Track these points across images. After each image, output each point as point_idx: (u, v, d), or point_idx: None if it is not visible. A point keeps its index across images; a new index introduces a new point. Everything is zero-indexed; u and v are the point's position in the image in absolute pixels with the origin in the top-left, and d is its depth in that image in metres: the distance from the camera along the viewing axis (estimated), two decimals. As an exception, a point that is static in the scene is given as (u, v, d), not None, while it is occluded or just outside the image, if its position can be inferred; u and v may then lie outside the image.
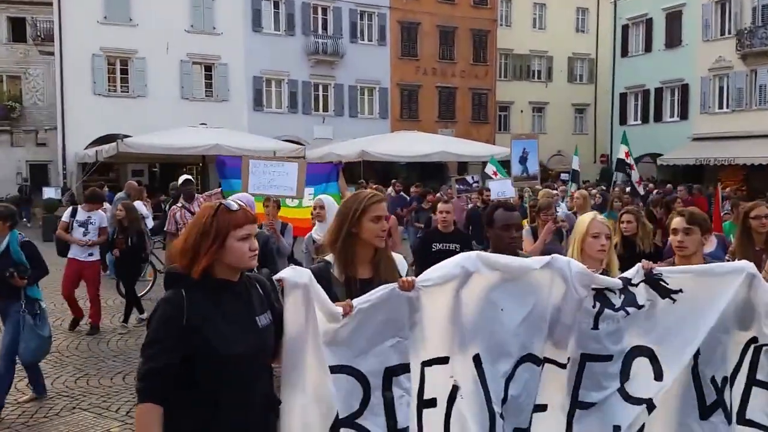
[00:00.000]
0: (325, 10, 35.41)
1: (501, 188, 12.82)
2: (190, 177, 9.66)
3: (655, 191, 20.88)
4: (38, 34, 32.21)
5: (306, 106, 34.78)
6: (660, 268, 3.54)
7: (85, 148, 28.24)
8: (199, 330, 2.57)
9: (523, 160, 9.79)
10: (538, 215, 7.61)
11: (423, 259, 6.67)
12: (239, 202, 2.83)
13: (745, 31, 29.39)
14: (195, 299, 2.61)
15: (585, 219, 4.16)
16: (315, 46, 34.58)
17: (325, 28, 35.41)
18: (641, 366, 3.44)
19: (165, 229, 9.44)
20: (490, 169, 17.27)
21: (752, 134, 28.23)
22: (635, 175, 17.51)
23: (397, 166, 30.71)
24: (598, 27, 42.66)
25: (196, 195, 9.52)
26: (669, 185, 23.54)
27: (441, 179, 28.73)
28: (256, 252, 2.74)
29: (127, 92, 30.92)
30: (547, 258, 3.37)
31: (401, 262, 3.43)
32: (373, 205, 3.22)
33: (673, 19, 33.66)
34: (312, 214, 7.04)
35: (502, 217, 4.12)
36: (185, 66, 31.68)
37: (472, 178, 17.50)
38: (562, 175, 29.34)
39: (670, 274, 3.51)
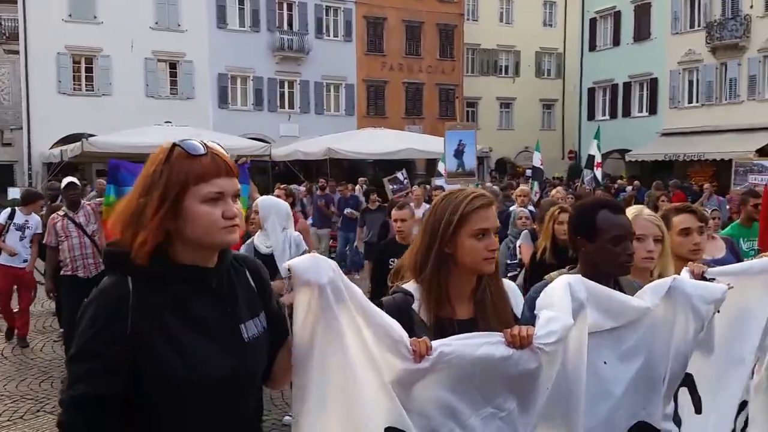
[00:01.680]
0: (290, 6, 35.12)
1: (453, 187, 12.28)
2: (74, 180, 8.09)
3: (629, 187, 20.65)
4: (2, 32, 31.68)
5: (272, 103, 34.44)
6: (711, 270, 2.78)
7: (50, 148, 27.92)
8: (149, 343, 1.72)
9: (458, 153, 8.85)
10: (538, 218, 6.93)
11: (379, 276, 5.59)
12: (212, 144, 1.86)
13: (715, 24, 29.37)
14: (146, 294, 1.74)
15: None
16: (280, 42, 34.23)
17: (290, 23, 35.12)
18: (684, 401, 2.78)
19: (44, 242, 7.93)
20: (442, 166, 15.30)
21: (722, 129, 28.25)
22: (599, 173, 17.40)
23: (364, 163, 30.26)
24: (565, 21, 42.61)
25: (82, 202, 7.97)
26: (636, 182, 23.40)
27: (409, 177, 28.35)
28: (236, 220, 1.80)
29: (92, 91, 30.63)
30: (664, 284, 2.44)
31: (515, 293, 2.49)
32: (475, 212, 2.21)
33: (642, 11, 33.60)
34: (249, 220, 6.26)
35: (612, 223, 2.60)
36: (150, 63, 31.42)
37: (402, 174, 16.36)
38: (527, 171, 29.18)
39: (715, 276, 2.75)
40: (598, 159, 18.31)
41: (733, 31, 28.71)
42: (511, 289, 2.41)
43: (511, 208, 11.43)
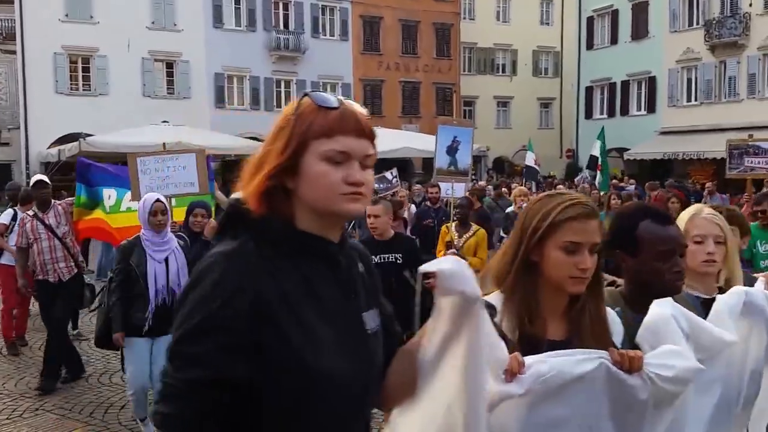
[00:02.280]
0: (286, 5, 35.08)
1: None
2: (44, 178, 7.70)
3: (630, 187, 20.45)
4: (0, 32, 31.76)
5: (268, 103, 34.30)
6: None
7: (48, 147, 27.88)
8: (275, 319, 1.42)
9: (452, 150, 8.08)
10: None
11: None
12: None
13: (714, 22, 29.27)
14: (270, 260, 1.47)
15: (683, 216, 2.74)
16: (277, 42, 34.21)
17: (286, 23, 35.07)
18: None
19: (14, 244, 7.70)
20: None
21: (721, 127, 28.09)
22: (599, 176, 16.71)
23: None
24: (562, 19, 42.50)
25: (52, 201, 7.50)
26: (632, 180, 23.25)
27: (406, 176, 28.24)
28: (361, 188, 1.51)
29: (89, 90, 30.62)
30: (737, 302, 2.14)
31: (614, 320, 2.05)
32: (568, 222, 1.90)
33: (640, 10, 33.47)
34: None
35: (656, 235, 2.27)
36: (147, 63, 31.40)
37: (391, 173, 15.97)
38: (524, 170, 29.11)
39: None
40: (599, 160, 18.08)
41: (732, 29, 28.61)
42: (611, 316, 2.04)
43: (508, 209, 11.31)
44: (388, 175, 15.32)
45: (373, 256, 4.70)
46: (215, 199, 7.30)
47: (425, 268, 1.49)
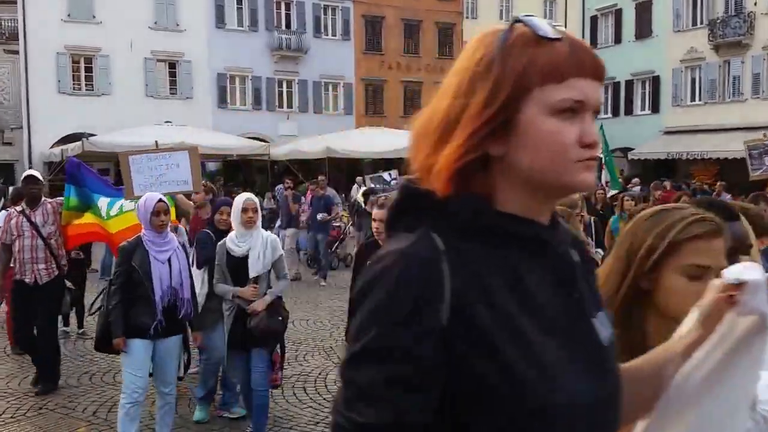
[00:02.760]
0: (288, 5, 35.01)
1: None
2: (35, 174, 7.40)
3: (637, 188, 20.29)
4: (2, 32, 31.89)
5: (270, 103, 34.36)
6: None
7: (51, 147, 28.03)
8: (483, 341, 1.03)
9: None
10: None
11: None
12: None
13: (718, 21, 29.21)
14: (465, 257, 1.05)
15: None
16: (279, 42, 34.15)
17: (288, 23, 35.02)
18: None
19: None
20: None
21: (725, 127, 28.04)
22: (604, 175, 15.86)
23: (363, 162, 30.09)
24: (566, 18, 42.32)
25: (43, 199, 7.15)
26: (636, 179, 23.11)
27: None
28: (594, 151, 1.10)
29: (92, 90, 30.65)
30: None
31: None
32: (692, 241, 1.57)
33: (643, 9, 33.42)
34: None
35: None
36: (149, 63, 31.43)
37: (390, 174, 15.15)
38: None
39: None
40: (603, 159, 17.82)
41: (736, 28, 28.54)
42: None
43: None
44: (386, 175, 15.18)
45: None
46: (174, 200, 6.96)
47: (730, 274, 1.19)
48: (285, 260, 5.79)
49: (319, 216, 13.56)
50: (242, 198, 5.46)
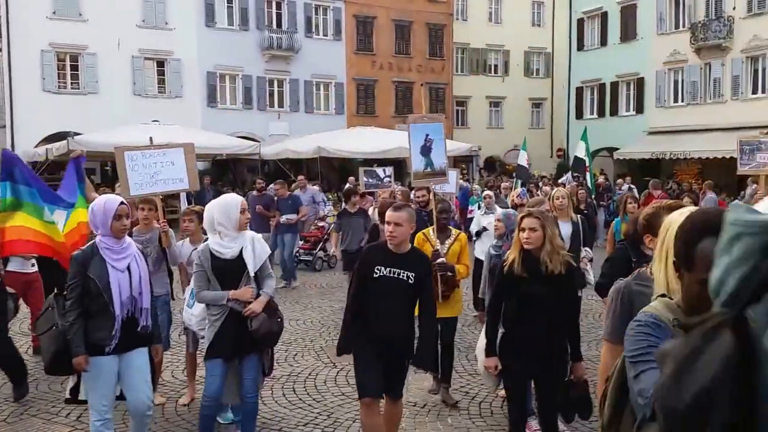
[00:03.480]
0: (279, 4, 35.02)
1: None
2: None
3: (624, 186, 20.60)
4: None
5: (261, 102, 34.37)
6: None
7: (36, 146, 27.51)
8: None
9: (426, 150, 7.36)
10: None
11: (361, 284, 4.96)
12: None
13: (699, 25, 29.52)
14: None
15: (674, 217, 2.47)
16: (269, 41, 34.15)
17: (279, 22, 35.01)
18: None
19: None
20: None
21: (707, 128, 28.44)
22: (589, 176, 15.99)
23: (354, 162, 30.39)
24: (554, 21, 42.73)
25: None
26: (620, 180, 23.49)
27: (400, 176, 28.46)
28: None
29: (78, 89, 30.34)
30: None
31: None
32: None
33: (628, 12, 33.68)
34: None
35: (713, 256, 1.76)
36: (137, 62, 31.17)
37: (384, 171, 14.61)
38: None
39: None
40: (587, 162, 17.92)
41: (716, 32, 28.84)
42: None
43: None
44: (380, 171, 14.57)
45: (382, 268, 4.84)
46: (87, 202, 6.63)
47: None
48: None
49: (283, 218, 13.23)
50: (238, 201, 5.20)
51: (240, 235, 5.07)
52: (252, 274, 5.07)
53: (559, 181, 17.82)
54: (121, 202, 4.73)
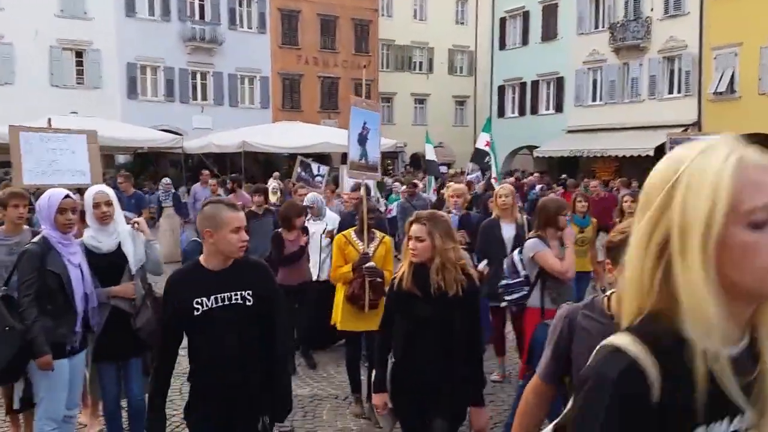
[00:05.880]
0: (201, -5, 34.37)
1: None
2: None
3: (539, 186, 20.78)
4: None
5: (184, 95, 33.80)
6: None
7: None
8: None
9: (362, 139, 6.65)
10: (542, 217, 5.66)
11: (173, 331, 3.59)
12: None
13: (618, 25, 30.43)
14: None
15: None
16: (192, 33, 33.61)
17: (202, 13, 34.46)
18: None
19: None
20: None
21: (625, 126, 29.39)
22: (494, 170, 14.67)
23: (279, 157, 30.13)
24: (477, 19, 43.38)
25: None
26: (535, 176, 23.72)
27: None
28: None
29: (-7, 79, 29.30)
30: None
31: None
32: None
33: (549, 12, 34.46)
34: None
35: None
36: (55, 52, 30.34)
37: (319, 168, 13.50)
38: (440, 167, 29.50)
39: None
40: (491, 156, 15.24)
41: (635, 32, 29.79)
42: None
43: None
44: (314, 167, 13.52)
45: (203, 299, 3.34)
46: None
47: None
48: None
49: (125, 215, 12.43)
50: (92, 192, 4.73)
51: (112, 228, 4.64)
52: (134, 269, 4.68)
53: (467, 176, 16.54)
54: (66, 195, 4.46)
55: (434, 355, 3.76)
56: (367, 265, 5.80)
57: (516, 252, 5.83)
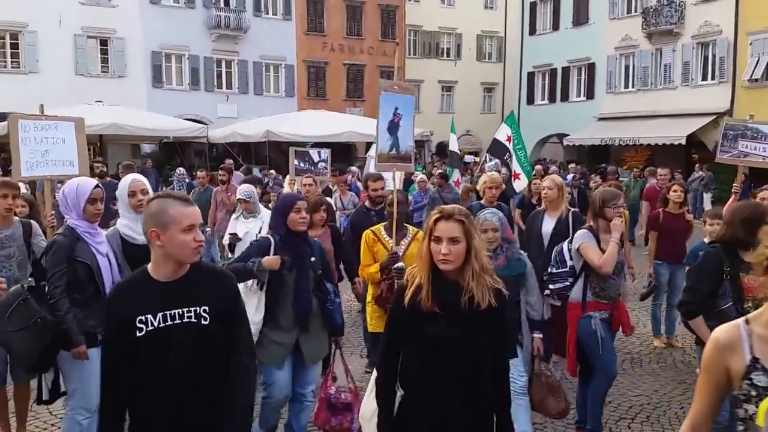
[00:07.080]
0: (226, -18, 34.11)
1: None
2: None
3: (570, 176, 20.32)
4: None
5: (208, 83, 33.62)
6: None
7: None
8: None
9: (393, 127, 5.90)
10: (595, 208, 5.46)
11: (115, 355, 2.92)
12: None
13: (651, 10, 29.71)
14: None
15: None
16: (217, 20, 33.33)
17: (227, 1, 34.15)
18: None
19: None
20: (373, 149, 11.82)
21: (657, 114, 28.71)
22: (517, 166, 13.39)
23: (303, 146, 29.87)
24: (506, 4, 42.66)
25: None
26: (572, 165, 23.35)
27: (349, 161, 28.07)
28: None
29: (18, 68, 29.26)
30: None
31: None
32: None
33: (581, -4, 33.78)
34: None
35: None
36: (79, 40, 30.20)
37: (320, 154, 12.40)
38: (466, 156, 29.10)
39: None
40: (511, 148, 13.73)
41: (668, 17, 29.07)
42: None
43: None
44: (314, 153, 12.27)
45: (148, 317, 2.77)
46: None
47: None
48: None
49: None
50: (128, 180, 4.70)
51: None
52: None
53: (486, 166, 15.24)
54: (96, 185, 4.41)
55: (452, 385, 3.02)
56: (396, 265, 5.30)
57: (566, 242, 5.62)
